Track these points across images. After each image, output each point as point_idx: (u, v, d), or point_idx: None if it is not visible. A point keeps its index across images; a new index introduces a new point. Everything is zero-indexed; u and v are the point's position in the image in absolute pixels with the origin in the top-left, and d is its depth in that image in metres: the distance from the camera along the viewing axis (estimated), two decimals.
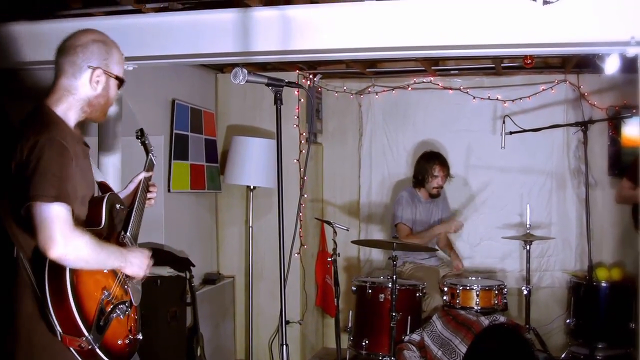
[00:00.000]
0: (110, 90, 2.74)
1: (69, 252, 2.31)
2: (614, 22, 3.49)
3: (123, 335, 2.62)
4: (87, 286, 2.44)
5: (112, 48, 2.72)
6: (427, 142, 6.94)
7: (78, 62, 2.62)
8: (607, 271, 6.26)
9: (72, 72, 2.63)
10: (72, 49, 2.64)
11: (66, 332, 2.37)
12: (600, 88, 6.59)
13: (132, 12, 4.29)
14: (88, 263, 2.42)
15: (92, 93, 2.66)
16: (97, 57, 2.66)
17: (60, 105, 2.61)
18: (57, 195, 2.31)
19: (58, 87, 2.63)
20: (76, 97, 2.64)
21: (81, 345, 2.38)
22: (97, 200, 2.65)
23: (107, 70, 2.69)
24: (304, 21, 3.94)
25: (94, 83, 2.65)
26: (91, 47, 2.65)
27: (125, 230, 2.84)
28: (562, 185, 6.72)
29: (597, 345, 5.65)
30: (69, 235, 2.31)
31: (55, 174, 2.34)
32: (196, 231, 6.26)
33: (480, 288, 5.44)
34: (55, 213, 2.30)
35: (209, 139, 6.28)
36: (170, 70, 5.66)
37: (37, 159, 2.34)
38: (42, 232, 2.28)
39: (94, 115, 2.73)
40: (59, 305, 2.35)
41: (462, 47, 3.89)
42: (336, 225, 5.37)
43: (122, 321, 2.61)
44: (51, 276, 2.36)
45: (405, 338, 5.29)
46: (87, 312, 2.40)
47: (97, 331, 2.43)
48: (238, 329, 6.58)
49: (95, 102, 2.69)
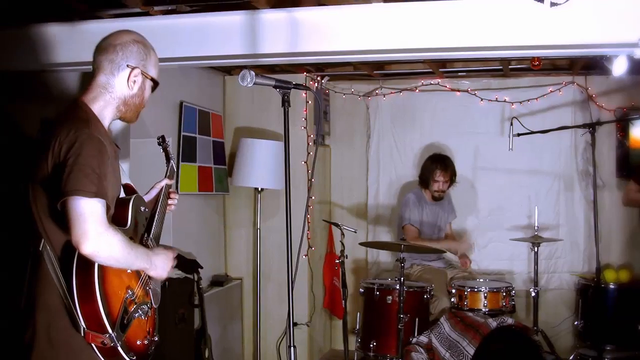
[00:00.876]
0: (146, 92, 2.78)
1: (102, 249, 2.32)
2: (622, 23, 3.49)
3: (142, 335, 2.63)
4: (113, 284, 2.45)
5: (150, 50, 2.76)
6: (434, 144, 6.94)
7: (117, 60, 2.65)
8: (615, 273, 6.24)
9: (110, 69, 2.65)
10: (112, 47, 2.66)
11: (90, 328, 2.38)
12: (608, 90, 6.58)
13: (139, 14, 4.30)
14: (118, 261, 2.43)
15: (129, 92, 2.69)
16: (136, 57, 2.69)
17: (97, 103, 2.63)
18: (96, 191, 2.33)
19: (95, 85, 2.65)
20: (113, 95, 2.66)
21: (104, 342, 2.39)
22: (123, 202, 2.66)
23: (145, 71, 2.72)
24: (312, 23, 3.94)
25: (130, 82, 2.67)
26: (131, 46, 2.68)
27: (149, 233, 2.86)
28: (570, 187, 6.71)
29: (605, 347, 5.63)
30: (103, 232, 2.32)
31: (94, 170, 2.35)
32: (204, 233, 6.27)
33: (488, 290, 5.44)
34: (92, 208, 2.31)
35: (216, 141, 6.29)
36: (178, 73, 5.67)
37: (77, 154, 2.35)
38: (77, 226, 2.29)
39: (128, 115, 2.76)
40: (85, 300, 2.36)
41: (470, 49, 3.90)
42: (344, 227, 5.36)
43: (142, 322, 2.63)
44: (79, 271, 2.37)
45: (412, 340, 5.29)
46: (111, 309, 2.42)
47: (120, 329, 2.44)
48: (246, 331, 6.59)
49: (131, 102, 2.72)
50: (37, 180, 2.45)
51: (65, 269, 2.43)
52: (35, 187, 2.47)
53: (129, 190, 2.88)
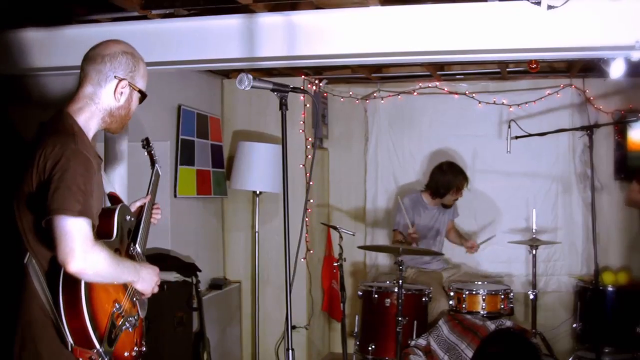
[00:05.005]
0: (132, 103, 2.73)
1: (88, 267, 2.30)
2: (619, 26, 3.50)
3: (130, 347, 2.62)
4: (100, 299, 2.43)
5: (139, 61, 2.72)
6: (432, 147, 6.96)
7: (105, 71, 2.61)
8: (614, 275, 6.25)
9: (97, 80, 2.61)
10: (100, 57, 2.62)
11: (78, 343, 2.37)
12: (606, 92, 6.58)
13: (138, 18, 4.30)
14: (104, 278, 2.42)
15: (115, 104, 2.65)
16: (125, 68, 2.64)
17: (83, 115, 2.58)
18: (82, 210, 2.29)
19: (81, 95, 2.61)
20: (99, 106, 2.62)
21: (92, 357, 2.37)
22: (108, 212, 2.63)
23: (132, 82, 2.68)
24: (309, 27, 3.95)
25: (117, 94, 2.63)
26: (120, 57, 2.63)
27: (134, 242, 2.84)
28: (568, 189, 6.72)
29: (603, 350, 5.63)
30: (89, 251, 2.29)
31: (80, 188, 2.31)
32: (202, 236, 6.27)
33: (487, 293, 5.44)
34: (78, 227, 2.28)
35: (215, 144, 6.29)
36: (176, 76, 5.68)
37: (63, 170, 2.31)
38: (63, 245, 2.26)
39: (113, 127, 2.71)
40: (72, 316, 2.35)
41: (468, 52, 3.90)
42: (342, 230, 5.35)
43: (129, 333, 2.61)
44: (66, 287, 2.35)
45: (411, 343, 5.28)
46: (99, 324, 2.40)
47: (108, 344, 2.43)
48: (244, 334, 6.58)
49: (117, 114, 2.67)
50: (22, 195, 2.42)
51: (51, 284, 2.41)
52: (20, 203, 2.43)
53: (114, 199, 2.86)
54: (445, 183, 6.18)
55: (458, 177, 6.17)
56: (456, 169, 6.22)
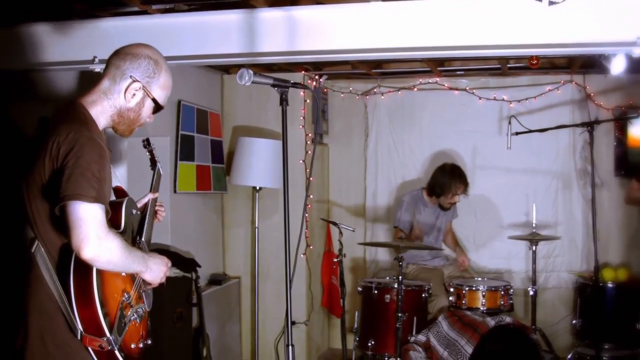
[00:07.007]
0: (144, 109, 2.71)
1: (102, 254, 2.30)
2: (620, 22, 3.50)
3: (136, 339, 2.63)
4: (110, 288, 2.45)
5: (162, 71, 2.70)
6: (432, 143, 6.96)
7: (123, 68, 2.61)
8: (614, 272, 6.25)
9: (114, 75, 2.62)
10: (124, 54, 2.63)
11: (88, 331, 2.38)
12: (606, 88, 6.58)
13: (138, 13, 4.30)
14: (116, 266, 2.43)
15: (125, 104, 2.64)
16: (143, 71, 2.64)
17: (95, 107, 2.58)
18: (96, 196, 2.30)
19: (97, 89, 2.61)
20: (110, 102, 2.61)
21: (101, 345, 2.38)
22: (117, 204, 2.64)
23: (147, 88, 2.66)
24: (310, 22, 3.94)
25: (129, 94, 2.62)
26: (141, 60, 2.63)
27: (141, 235, 2.86)
28: (568, 185, 6.72)
29: (603, 346, 5.63)
30: (103, 237, 2.30)
31: (94, 174, 2.32)
32: (202, 232, 6.27)
33: (487, 289, 5.44)
34: (93, 213, 2.29)
35: (215, 139, 6.28)
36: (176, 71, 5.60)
37: (77, 157, 2.31)
38: (77, 231, 2.27)
39: (121, 128, 2.70)
40: (83, 304, 2.35)
41: (468, 48, 3.90)
42: (342, 225, 5.35)
43: (137, 325, 2.63)
44: (77, 275, 2.36)
45: (411, 339, 5.28)
46: (109, 312, 2.42)
47: (118, 333, 2.44)
48: (244, 330, 6.58)
49: (125, 115, 2.66)
50: (33, 182, 2.41)
51: (61, 272, 2.41)
52: (31, 189, 2.43)
53: (120, 193, 2.87)
54: (441, 184, 6.15)
55: (455, 180, 6.11)
56: (456, 172, 6.16)
